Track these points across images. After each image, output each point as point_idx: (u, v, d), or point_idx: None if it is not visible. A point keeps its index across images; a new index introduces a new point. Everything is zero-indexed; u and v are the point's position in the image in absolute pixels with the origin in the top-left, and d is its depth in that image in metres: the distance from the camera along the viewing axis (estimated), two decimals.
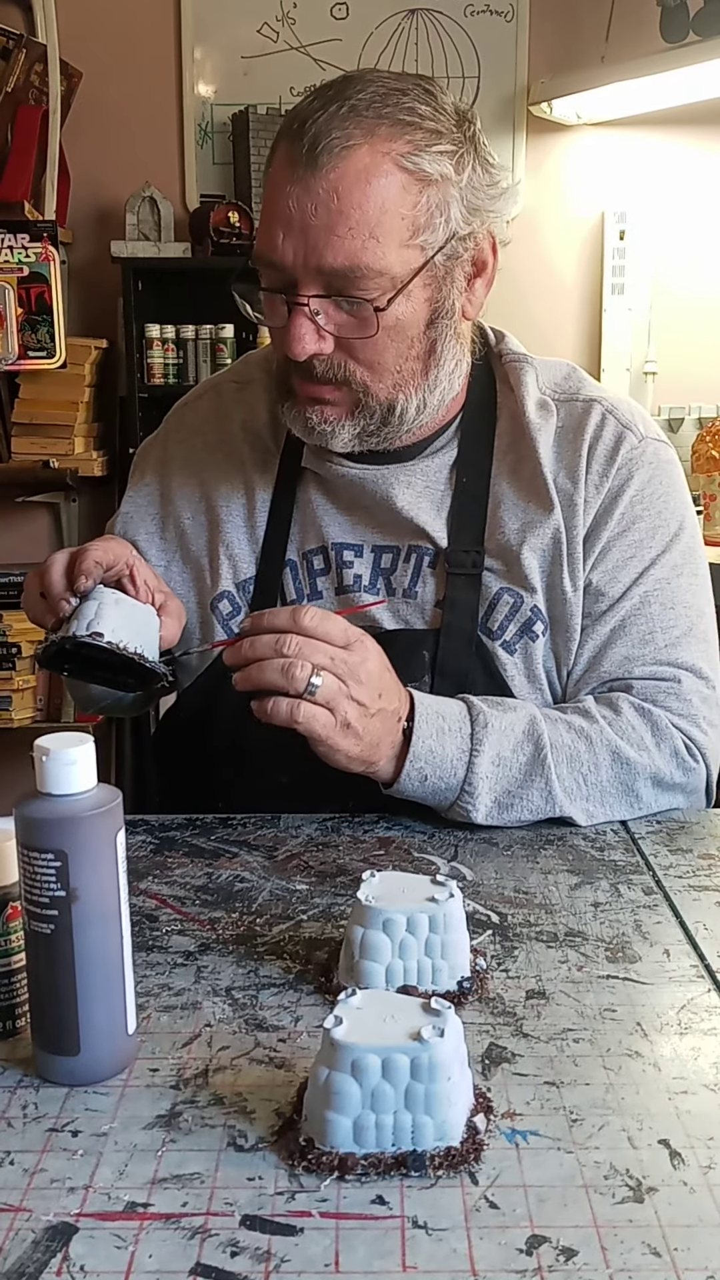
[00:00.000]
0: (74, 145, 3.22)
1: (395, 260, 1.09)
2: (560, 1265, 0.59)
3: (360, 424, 1.16)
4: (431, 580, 1.23)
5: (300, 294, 1.10)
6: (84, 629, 1.02)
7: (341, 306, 1.10)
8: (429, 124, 1.09)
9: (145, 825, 1.15)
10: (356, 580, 1.25)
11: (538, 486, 1.22)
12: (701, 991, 0.84)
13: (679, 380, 3.37)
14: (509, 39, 3.33)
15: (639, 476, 1.22)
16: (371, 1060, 0.65)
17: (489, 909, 0.97)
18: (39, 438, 3.12)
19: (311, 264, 1.08)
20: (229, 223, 3.15)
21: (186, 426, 1.36)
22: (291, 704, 1.01)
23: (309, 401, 1.16)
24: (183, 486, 1.32)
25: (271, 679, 1.01)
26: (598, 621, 1.21)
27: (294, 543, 1.27)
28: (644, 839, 1.12)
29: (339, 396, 1.15)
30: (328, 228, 1.06)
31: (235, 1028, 0.80)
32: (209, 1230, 0.61)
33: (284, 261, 1.09)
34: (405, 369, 1.15)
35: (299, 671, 1.01)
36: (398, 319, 1.11)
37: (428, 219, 1.10)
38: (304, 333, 1.10)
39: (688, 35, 2.83)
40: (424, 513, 1.23)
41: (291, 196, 1.07)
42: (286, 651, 1.01)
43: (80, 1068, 0.74)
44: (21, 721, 3.18)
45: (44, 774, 0.72)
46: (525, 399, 1.25)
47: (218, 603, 1.27)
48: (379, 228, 1.07)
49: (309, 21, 3.30)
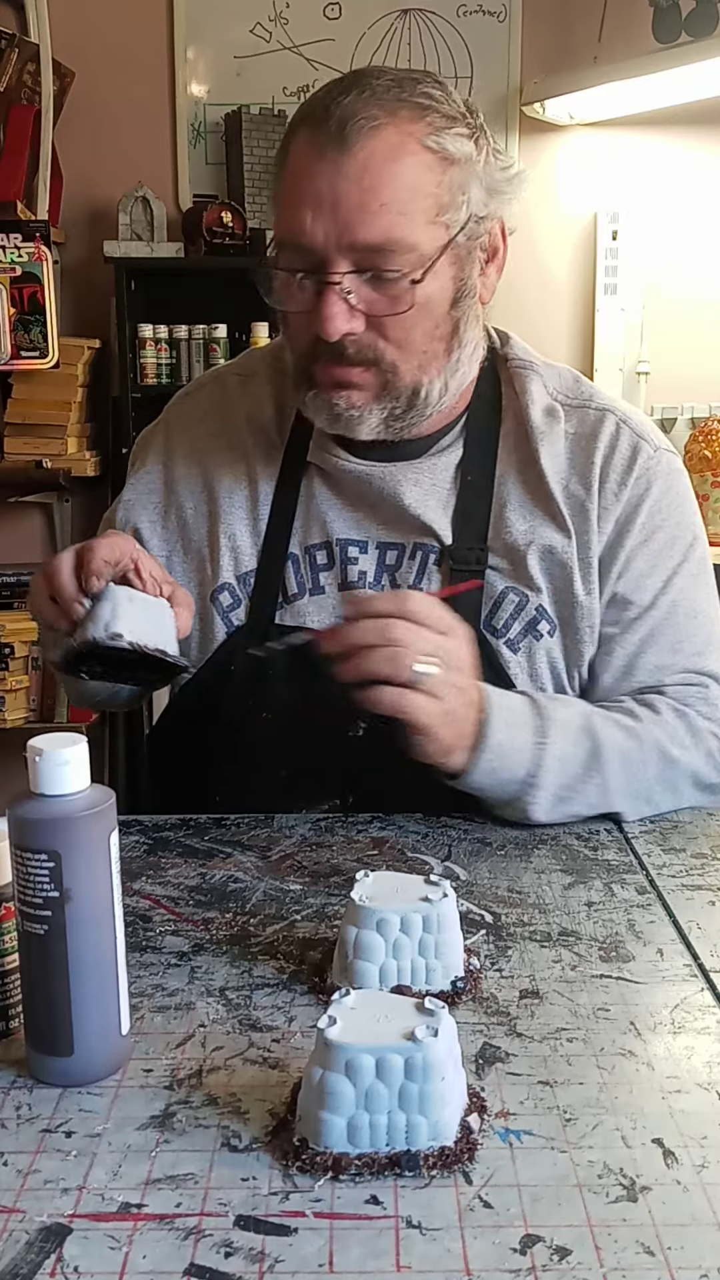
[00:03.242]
0: (67, 145, 3.21)
1: (424, 237, 1.10)
2: (554, 1264, 0.59)
3: (387, 408, 1.16)
4: (437, 578, 1.23)
5: (332, 272, 1.10)
6: (102, 631, 1.01)
7: (374, 284, 1.10)
8: (444, 108, 1.12)
9: (138, 825, 1.15)
10: (361, 577, 1.25)
11: (544, 490, 1.23)
12: (695, 991, 0.84)
13: (671, 380, 3.38)
14: (501, 39, 3.33)
15: (656, 487, 1.24)
16: (365, 1060, 0.65)
17: (482, 909, 0.97)
18: (31, 438, 3.11)
19: (345, 241, 1.08)
20: (222, 223, 3.14)
21: (188, 416, 1.35)
22: (398, 692, 1.01)
23: (335, 386, 1.15)
24: (185, 475, 1.31)
25: (380, 668, 1.00)
26: (627, 630, 1.22)
27: (296, 536, 1.26)
28: (637, 839, 1.12)
29: (367, 379, 1.15)
30: (360, 205, 1.08)
31: (229, 1028, 0.80)
32: (203, 1231, 0.61)
33: (314, 242, 1.09)
34: (431, 349, 1.15)
35: (408, 660, 1.00)
36: (428, 296, 1.12)
37: (451, 197, 1.11)
38: (336, 311, 1.10)
39: (680, 36, 2.84)
40: (430, 511, 1.23)
41: (321, 176, 1.09)
42: (394, 638, 1.00)
43: (74, 1068, 0.74)
44: (14, 722, 3.17)
45: (37, 774, 0.72)
46: (530, 405, 1.25)
47: (218, 594, 1.26)
48: (409, 204, 1.09)
49: (301, 21, 3.30)
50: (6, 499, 3.34)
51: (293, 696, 1.21)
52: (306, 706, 1.21)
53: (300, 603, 1.25)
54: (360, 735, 1.19)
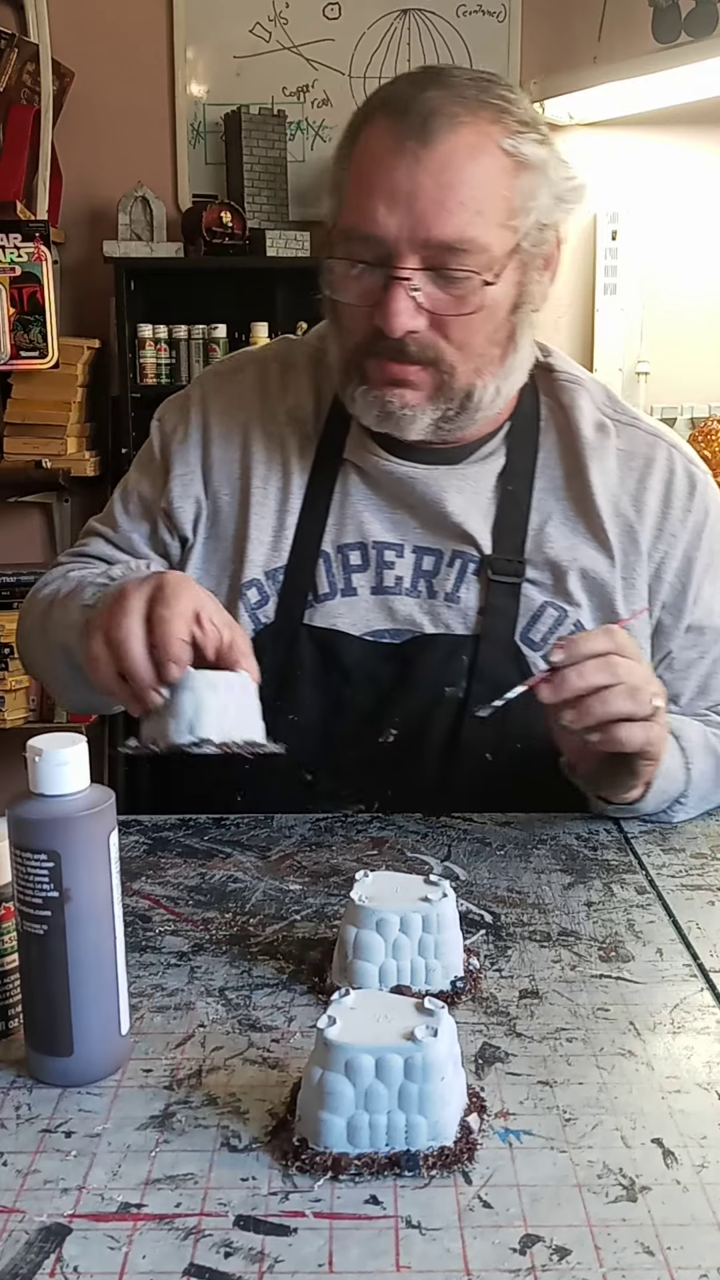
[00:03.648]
0: (66, 145, 3.21)
1: (495, 239, 1.09)
2: (554, 1264, 0.59)
3: (440, 409, 1.14)
4: (475, 586, 1.22)
5: (401, 266, 1.08)
6: (186, 733, 0.94)
7: (442, 283, 1.09)
8: (519, 113, 1.11)
9: (138, 825, 1.15)
10: (398, 582, 1.23)
11: (590, 506, 1.22)
12: (694, 991, 0.84)
13: (671, 380, 3.38)
14: (501, 39, 3.33)
15: (712, 514, 1.25)
16: (365, 1060, 0.65)
17: (482, 909, 0.97)
18: (31, 438, 3.11)
19: (419, 236, 1.06)
20: (221, 223, 3.14)
21: (226, 397, 1.30)
22: (645, 727, 0.99)
23: (389, 384, 1.13)
24: (222, 460, 1.27)
25: (621, 707, 0.97)
26: (706, 653, 1.25)
27: (329, 534, 1.24)
28: (636, 839, 1.12)
29: (423, 379, 1.13)
30: (438, 200, 1.06)
31: (229, 1028, 0.80)
32: (203, 1231, 0.61)
33: (385, 234, 1.07)
34: (488, 353, 1.14)
35: (645, 695, 0.98)
36: (493, 299, 1.11)
37: (521, 202, 1.10)
38: (403, 307, 1.08)
39: (680, 35, 2.83)
40: (473, 519, 1.22)
41: (399, 169, 1.06)
42: (624, 676, 0.97)
43: (73, 1068, 0.74)
44: (14, 722, 3.17)
45: (37, 774, 0.72)
46: (581, 419, 1.24)
47: (246, 590, 1.23)
48: (484, 204, 1.08)
49: (301, 21, 3.30)
50: (6, 499, 3.33)
51: (321, 700, 1.20)
52: (334, 711, 1.20)
53: (331, 603, 1.22)
54: (390, 742, 1.19)
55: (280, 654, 1.20)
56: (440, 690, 1.20)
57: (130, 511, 1.31)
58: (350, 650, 1.21)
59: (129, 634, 0.96)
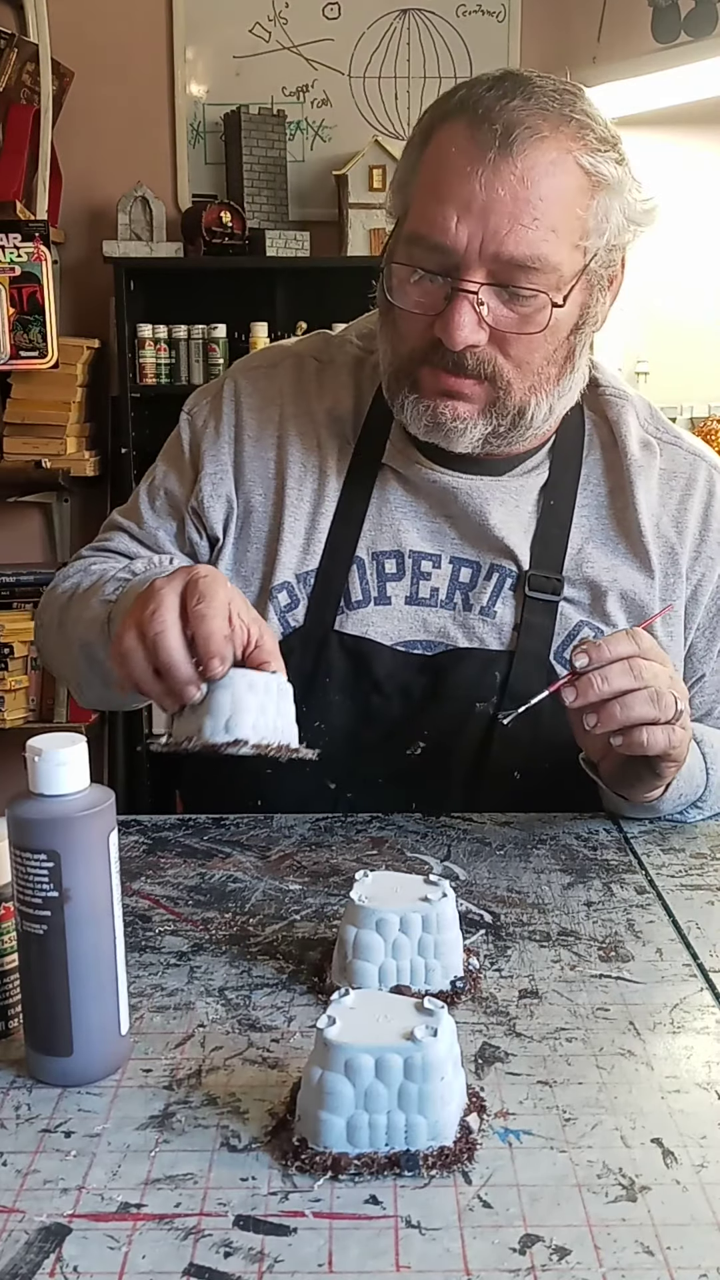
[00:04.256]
0: (66, 145, 3.22)
1: (566, 259, 1.07)
2: (553, 1264, 0.59)
3: (491, 424, 1.12)
4: (512, 601, 1.20)
5: (468, 279, 1.05)
6: (223, 732, 0.91)
7: (507, 299, 1.06)
8: (599, 130, 1.08)
9: (138, 825, 1.15)
10: (433, 594, 1.21)
11: (633, 525, 1.21)
12: (694, 990, 0.84)
13: (670, 380, 3.38)
14: (500, 39, 3.33)
15: None
16: (365, 1060, 0.65)
17: (482, 908, 0.97)
18: (31, 438, 3.11)
19: (489, 250, 1.04)
20: (221, 222, 3.15)
21: (262, 393, 1.27)
22: (668, 730, 0.98)
23: (442, 395, 1.11)
24: (255, 458, 1.24)
25: (645, 711, 0.96)
26: None
27: (364, 540, 1.21)
28: (636, 839, 1.12)
29: (477, 392, 1.10)
30: (513, 215, 1.03)
31: (228, 1028, 0.80)
32: (202, 1231, 0.61)
33: (455, 245, 1.04)
34: (545, 372, 1.11)
35: (668, 699, 0.97)
36: (557, 320, 1.08)
37: (595, 223, 1.08)
38: (466, 320, 1.05)
39: (679, 36, 2.84)
40: (514, 533, 1.20)
41: (476, 179, 1.03)
42: (648, 679, 0.96)
43: (73, 1068, 0.74)
44: (14, 722, 3.17)
45: (36, 774, 0.72)
46: (628, 436, 1.23)
47: (277, 592, 1.20)
48: (559, 223, 1.05)
49: (301, 21, 3.30)
50: (6, 499, 3.34)
51: (349, 708, 1.19)
52: (362, 720, 1.19)
53: (364, 611, 1.20)
54: (418, 755, 1.18)
55: (309, 659, 1.19)
56: (471, 705, 1.18)
57: (157, 508, 1.28)
58: (382, 660, 1.19)
59: (166, 627, 0.92)
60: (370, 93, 3.34)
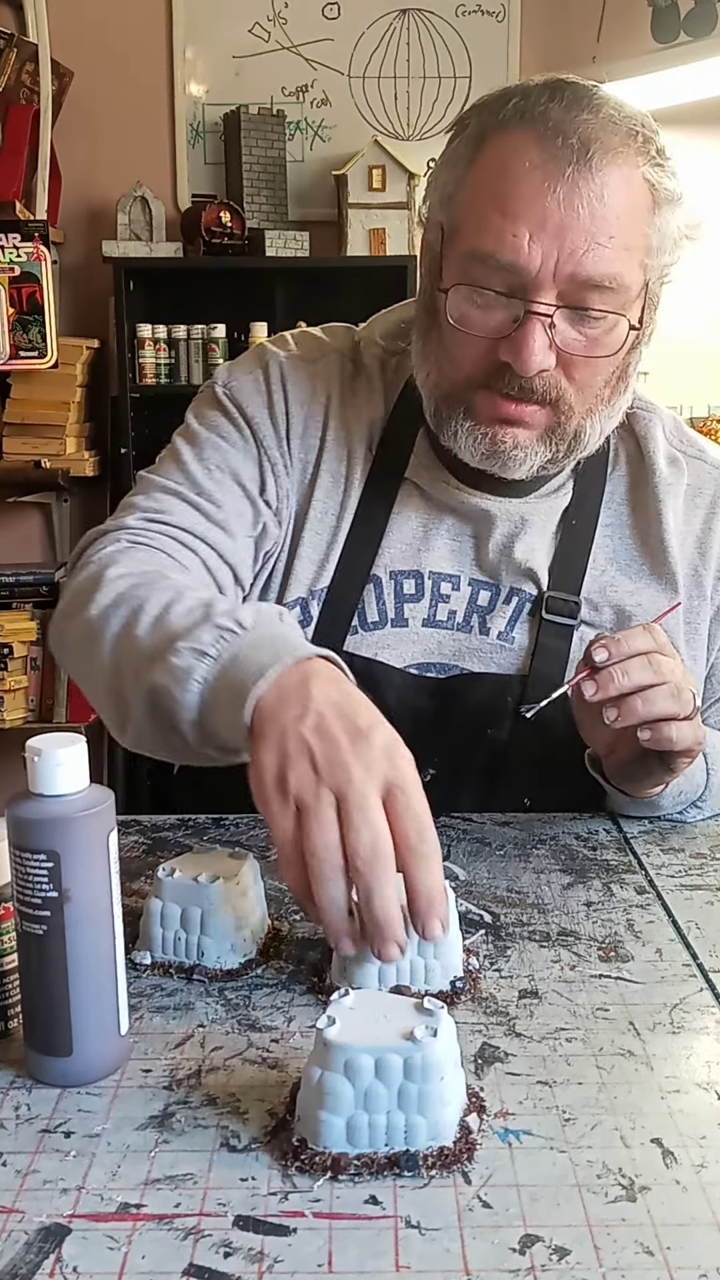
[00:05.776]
0: (65, 145, 3.21)
1: (634, 279, 1.03)
2: (553, 1264, 0.59)
3: (551, 450, 1.08)
4: (528, 626, 1.17)
5: (541, 300, 1.00)
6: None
7: (576, 321, 1.02)
8: (659, 143, 1.05)
9: (137, 826, 1.15)
10: (450, 617, 1.17)
11: (659, 544, 1.18)
12: (694, 990, 0.84)
13: (670, 381, 3.37)
14: (500, 39, 3.33)
15: None
16: (364, 1060, 0.65)
17: (481, 909, 0.97)
18: (30, 438, 3.11)
19: (565, 270, 0.99)
20: (220, 222, 3.15)
21: (303, 388, 1.19)
22: (693, 725, 0.97)
23: (502, 423, 1.06)
24: (299, 461, 1.18)
25: (666, 706, 0.94)
26: None
27: (382, 558, 1.17)
28: (636, 839, 1.12)
29: (538, 418, 1.06)
30: (591, 234, 0.99)
31: (228, 1028, 0.80)
32: (202, 1231, 0.61)
33: (528, 265, 0.99)
34: (601, 393, 1.08)
35: (687, 694, 0.96)
36: (619, 340, 1.05)
37: (658, 240, 1.05)
38: (539, 345, 1.00)
39: (679, 36, 2.84)
40: (537, 556, 1.17)
41: (552, 195, 0.98)
42: (667, 674, 0.94)
43: (73, 1069, 0.74)
44: (13, 722, 3.17)
45: (36, 774, 0.72)
46: (655, 453, 1.20)
47: (290, 608, 1.15)
48: (631, 240, 1.02)
49: (300, 21, 3.30)
50: (5, 499, 3.34)
51: None
52: None
53: (380, 633, 1.16)
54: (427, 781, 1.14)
55: None
56: (483, 731, 1.16)
57: (216, 479, 1.15)
58: (392, 683, 1.15)
59: (378, 855, 0.73)
60: (370, 93, 3.34)
